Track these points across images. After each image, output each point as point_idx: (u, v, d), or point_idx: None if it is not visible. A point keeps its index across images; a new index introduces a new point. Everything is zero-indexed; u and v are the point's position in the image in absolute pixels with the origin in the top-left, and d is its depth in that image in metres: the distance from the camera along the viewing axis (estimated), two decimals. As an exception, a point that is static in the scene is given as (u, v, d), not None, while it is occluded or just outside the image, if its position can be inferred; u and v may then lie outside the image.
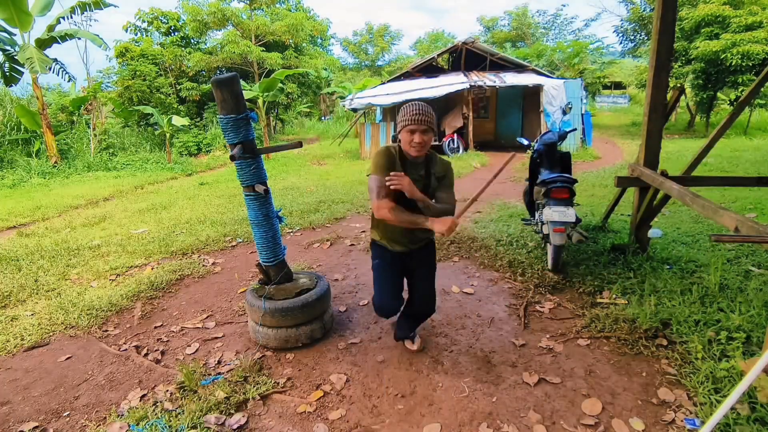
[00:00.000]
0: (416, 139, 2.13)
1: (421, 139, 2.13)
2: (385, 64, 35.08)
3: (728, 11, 12.98)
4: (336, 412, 2.29)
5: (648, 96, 3.67)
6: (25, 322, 3.41)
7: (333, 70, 23.60)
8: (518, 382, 2.45)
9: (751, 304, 2.82)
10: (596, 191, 6.95)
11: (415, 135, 2.13)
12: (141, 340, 3.14)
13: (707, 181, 4.01)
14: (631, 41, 18.85)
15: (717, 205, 2.46)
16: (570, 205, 3.53)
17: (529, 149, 4.54)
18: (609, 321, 2.89)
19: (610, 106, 28.52)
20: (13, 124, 12.64)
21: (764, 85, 3.47)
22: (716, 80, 13.47)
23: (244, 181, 2.79)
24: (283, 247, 3.01)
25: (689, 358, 2.47)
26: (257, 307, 2.80)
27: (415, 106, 2.13)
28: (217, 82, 2.60)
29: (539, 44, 23.89)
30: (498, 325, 3.08)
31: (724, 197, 5.81)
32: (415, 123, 2.10)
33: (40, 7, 10.89)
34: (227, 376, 2.59)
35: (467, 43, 13.20)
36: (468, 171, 9.89)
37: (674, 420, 2.09)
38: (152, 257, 4.77)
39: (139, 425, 2.20)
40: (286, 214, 6.09)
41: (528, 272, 3.76)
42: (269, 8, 18.58)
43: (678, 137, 14.39)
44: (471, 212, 6.05)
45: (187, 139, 14.78)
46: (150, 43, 17.25)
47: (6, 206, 7.73)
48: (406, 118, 2.12)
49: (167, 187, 9.47)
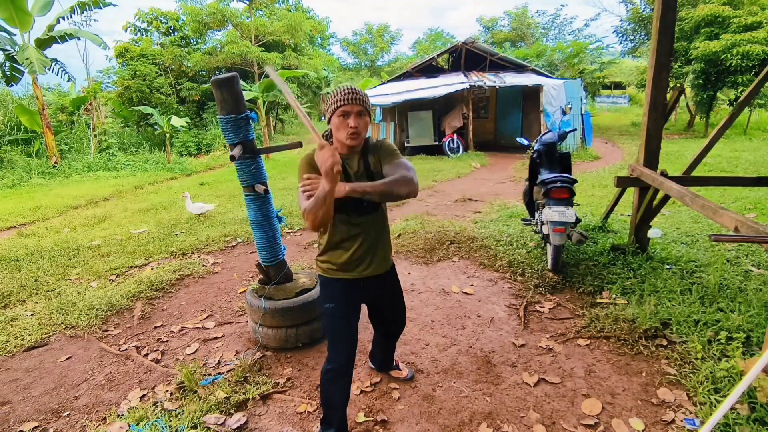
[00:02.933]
0: (351, 123, 1.72)
1: (356, 123, 1.73)
2: (385, 64, 35.07)
3: (728, 11, 12.98)
4: (336, 412, 2.28)
5: (648, 96, 3.67)
6: (25, 322, 3.41)
7: (332, 70, 23.62)
8: (518, 382, 2.46)
9: (751, 304, 2.83)
10: (596, 191, 6.96)
11: (350, 118, 1.73)
12: (141, 340, 3.15)
13: (707, 181, 4.02)
14: (631, 41, 18.85)
15: (717, 205, 2.46)
16: (570, 205, 3.53)
17: (529, 149, 4.54)
18: (609, 321, 2.90)
19: (610, 106, 28.53)
20: (13, 124, 12.65)
21: (764, 85, 3.47)
22: (716, 80, 13.47)
23: (244, 181, 2.79)
24: (283, 247, 3.01)
25: (689, 358, 2.47)
26: (257, 307, 2.80)
27: (345, 86, 1.76)
28: (217, 82, 2.60)
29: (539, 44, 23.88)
30: (498, 325, 3.08)
31: (724, 197, 5.81)
32: (349, 102, 1.71)
33: (39, 6, 10.89)
34: (227, 376, 2.59)
35: (467, 43, 13.20)
36: (468, 171, 9.89)
37: (674, 420, 2.09)
38: (152, 257, 4.77)
39: (139, 425, 2.20)
40: (286, 214, 6.09)
41: (528, 272, 3.76)
42: (268, 8, 18.58)
43: (678, 137, 14.39)
44: (471, 212, 6.06)
45: (187, 139, 14.78)
46: (150, 43, 17.27)
47: (6, 206, 7.73)
48: (336, 99, 1.73)
49: (167, 187, 9.47)
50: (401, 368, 2.56)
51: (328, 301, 1.98)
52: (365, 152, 1.86)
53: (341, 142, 1.78)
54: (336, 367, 1.95)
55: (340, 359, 1.95)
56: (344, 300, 1.97)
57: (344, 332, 1.97)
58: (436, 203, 6.82)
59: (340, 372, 1.96)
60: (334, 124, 1.77)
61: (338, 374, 1.96)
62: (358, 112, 1.74)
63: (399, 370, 2.54)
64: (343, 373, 1.97)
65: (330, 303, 1.97)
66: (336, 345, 1.98)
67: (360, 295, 2.03)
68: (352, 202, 1.78)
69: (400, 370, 2.55)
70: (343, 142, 1.78)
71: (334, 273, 1.94)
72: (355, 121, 1.73)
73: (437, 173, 9.39)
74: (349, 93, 1.73)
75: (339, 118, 1.74)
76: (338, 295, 1.97)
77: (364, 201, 1.80)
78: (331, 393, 1.98)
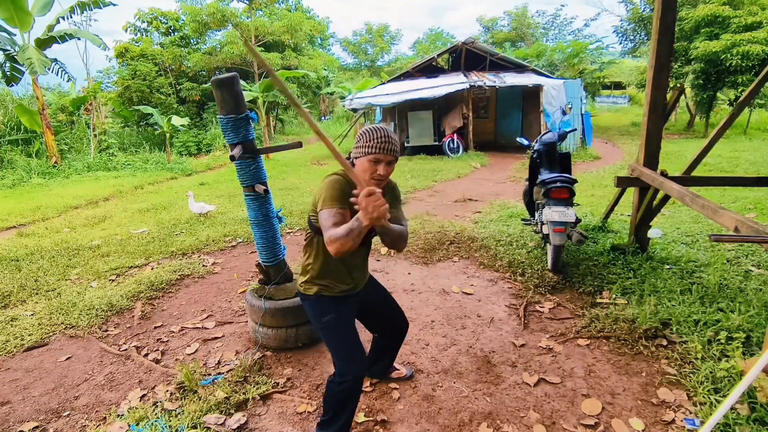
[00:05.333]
0: (381, 171, 1.74)
1: (386, 172, 1.75)
2: (385, 64, 35.06)
3: (728, 11, 12.98)
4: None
5: (648, 96, 3.67)
6: (25, 322, 3.41)
7: (332, 70, 23.62)
8: (518, 382, 2.46)
9: (751, 304, 2.83)
10: (596, 191, 6.96)
11: (380, 166, 1.74)
12: (141, 340, 3.15)
13: (707, 181, 4.02)
14: (631, 41, 18.84)
15: (717, 205, 2.46)
16: (570, 205, 3.53)
17: (529, 149, 4.54)
18: (609, 321, 2.90)
19: (610, 106, 28.54)
20: (13, 124, 12.65)
21: (764, 85, 3.47)
22: (716, 80, 13.47)
23: (244, 181, 2.79)
24: (283, 247, 3.01)
25: (689, 358, 2.47)
26: (257, 307, 2.80)
27: (382, 131, 1.75)
28: (217, 82, 2.60)
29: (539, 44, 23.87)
30: (498, 325, 3.08)
31: (724, 197, 5.81)
32: (383, 152, 1.72)
33: (39, 6, 10.89)
34: (227, 376, 2.59)
35: (467, 43, 13.20)
36: (468, 171, 9.89)
37: (674, 420, 2.09)
38: (152, 257, 4.77)
39: (139, 425, 2.20)
40: (286, 214, 6.09)
41: (528, 272, 3.76)
42: (268, 8, 18.59)
43: (678, 137, 14.40)
44: (471, 212, 6.06)
45: (187, 139, 14.78)
46: (150, 43, 17.27)
47: (6, 206, 7.73)
48: (371, 144, 1.72)
49: (167, 187, 9.47)
50: (399, 368, 2.55)
51: (326, 314, 1.95)
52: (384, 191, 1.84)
53: (365, 181, 1.74)
54: (352, 377, 1.92)
55: (355, 368, 1.93)
56: (342, 309, 1.97)
57: (352, 339, 1.97)
58: (436, 203, 6.82)
59: (357, 381, 1.94)
60: (362, 164, 1.76)
61: (356, 383, 1.93)
62: (389, 162, 1.76)
63: (398, 370, 2.55)
64: (360, 381, 1.96)
65: (328, 315, 1.94)
66: (348, 354, 1.95)
67: (351, 307, 2.05)
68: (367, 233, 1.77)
69: (398, 369, 2.55)
70: (367, 182, 1.74)
71: (324, 291, 1.95)
72: (385, 170, 1.76)
73: (437, 173, 9.39)
74: (386, 143, 1.73)
75: (370, 162, 1.75)
76: (333, 307, 1.96)
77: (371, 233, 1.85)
78: (347, 401, 1.96)
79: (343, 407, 1.97)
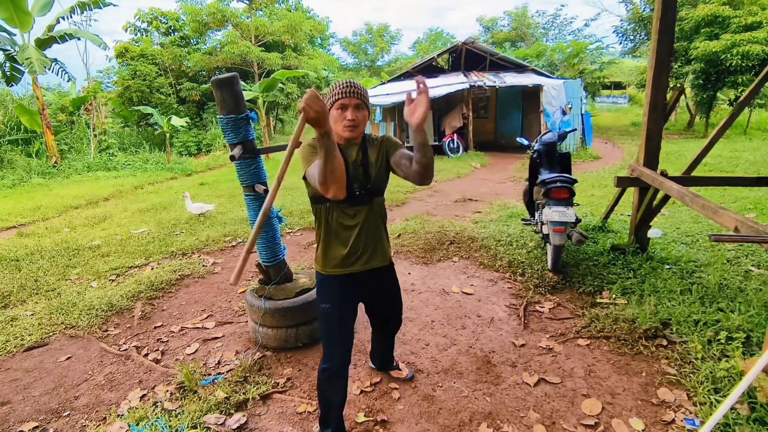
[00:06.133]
0: (349, 115, 1.76)
1: (354, 116, 1.76)
2: (385, 64, 35.04)
3: (728, 11, 12.98)
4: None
5: (648, 96, 3.67)
6: (25, 322, 3.41)
7: (332, 70, 23.61)
8: (518, 382, 2.46)
9: (751, 304, 2.83)
10: (596, 191, 6.96)
11: (348, 111, 1.76)
12: (141, 340, 3.15)
13: (707, 181, 4.02)
14: (631, 41, 18.84)
15: (717, 205, 2.46)
16: (570, 205, 3.53)
17: (529, 149, 4.54)
18: (609, 321, 2.90)
19: (610, 106, 28.54)
20: (13, 124, 12.65)
21: (764, 85, 3.47)
22: (716, 80, 13.46)
23: (244, 182, 2.79)
24: (283, 247, 3.01)
25: (689, 358, 2.47)
26: (257, 307, 2.80)
27: (345, 80, 1.80)
28: (217, 82, 2.60)
29: (539, 44, 23.86)
30: (498, 325, 3.08)
31: (724, 197, 5.81)
32: (347, 95, 1.75)
33: (39, 6, 10.89)
34: (227, 376, 2.59)
35: (467, 43, 13.20)
36: (468, 171, 9.89)
37: (674, 420, 2.09)
38: (152, 257, 4.77)
39: (139, 425, 2.20)
40: (286, 214, 6.09)
41: (528, 272, 3.76)
42: (268, 8, 18.58)
43: (678, 137, 14.40)
44: (471, 212, 6.06)
45: (187, 139, 14.78)
46: (150, 44, 17.26)
47: (6, 206, 7.73)
48: (335, 92, 1.77)
49: (167, 187, 9.47)
50: (401, 368, 2.56)
51: (325, 302, 1.97)
52: (364, 145, 1.89)
53: (339, 134, 1.80)
54: (330, 367, 1.95)
55: (334, 362, 1.96)
56: (341, 301, 1.96)
57: (339, 335, 1.97)
58: (436, 203, 6.82)
59: (335, 373, 1.96)
60: (333, 116, 1.78)
61: (333, 375, 1.96)
62: (356, 105, 1.77)
63: (399, 370, 2.55)
64: (338, 375, 1.97)
65: (327, 304, 1.96)
66: (330, 347, 1.98)
67: (358, 291, 2.02)
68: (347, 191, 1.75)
69: (400, 370, 2.55)
70: (340, 134, 1.80)
71: (334, 269, 1.93)
72: (352, 114, 1.76)
73: (437, 173, 9.39)
74: (348, 86, 1.76)
75: (337, 110, 1.77)
76: (336, 295, 1.96)
77: (356, 190, 1.84)
78: (327, 393, 1.98)
79: (327, 399, 1.99)
